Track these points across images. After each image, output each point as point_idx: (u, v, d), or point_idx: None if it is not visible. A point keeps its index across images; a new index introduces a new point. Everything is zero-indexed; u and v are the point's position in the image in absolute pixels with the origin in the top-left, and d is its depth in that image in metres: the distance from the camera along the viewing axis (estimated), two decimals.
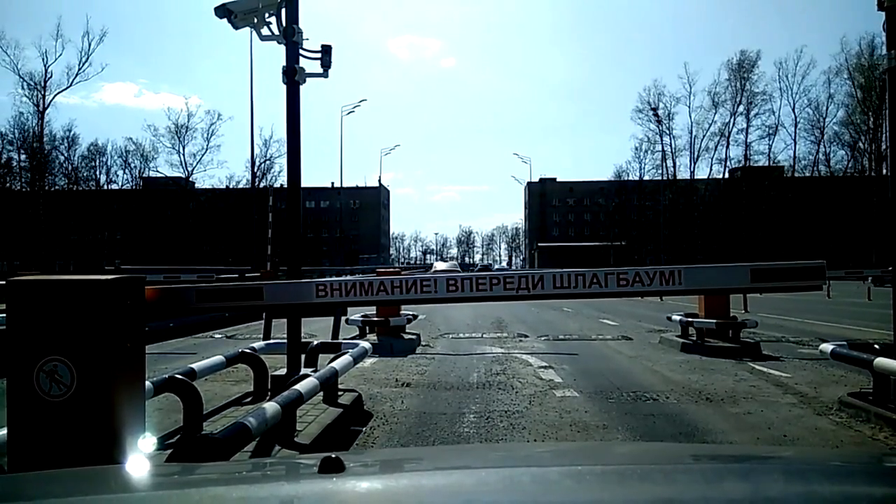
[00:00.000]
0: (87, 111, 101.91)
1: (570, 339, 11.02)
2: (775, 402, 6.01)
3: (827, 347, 5.88)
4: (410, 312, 11.12)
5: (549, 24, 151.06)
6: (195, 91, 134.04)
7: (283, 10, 5.72)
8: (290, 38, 5.72)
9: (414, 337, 10.40)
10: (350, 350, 5.48)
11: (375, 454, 2.94)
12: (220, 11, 5.58)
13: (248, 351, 5.68)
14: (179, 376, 4.23)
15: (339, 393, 5.57)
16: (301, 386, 3.62)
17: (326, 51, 5.76)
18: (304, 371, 5.37)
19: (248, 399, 5.71)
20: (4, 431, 2.43)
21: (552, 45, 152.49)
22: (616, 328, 12.70)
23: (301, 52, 5.81)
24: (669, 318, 10.52)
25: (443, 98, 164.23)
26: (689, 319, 9.75)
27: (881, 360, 4.94)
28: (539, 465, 1.58)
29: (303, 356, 5.71)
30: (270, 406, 3.16)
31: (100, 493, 1.29)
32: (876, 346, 5.51)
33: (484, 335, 11.66)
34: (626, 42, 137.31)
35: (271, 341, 6.33)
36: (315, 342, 6.10)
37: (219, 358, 5.33)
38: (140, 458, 2.33)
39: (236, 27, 5.75)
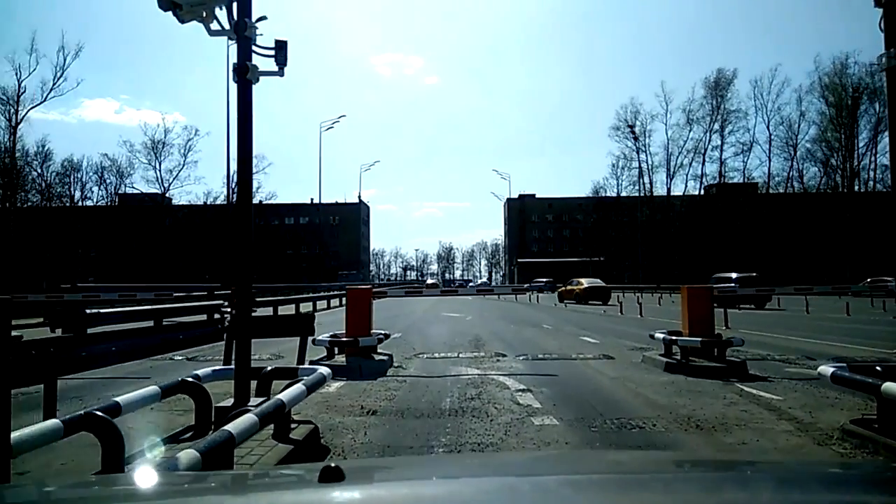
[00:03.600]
0: (67, 127, 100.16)
1: (550, 359, 10.49)
2: (770, 429, 5.55)
3: (826, 370, 5.38)
4: (382, 332, 10.52)
5: (529, 43, 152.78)
6: (177, 107, 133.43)
7: (235, 3, 5.24)
8: (242, 32, 5.22)
9: (385, 358, 9.79)
10: (304, 378, 4.90)
11: (375, 463, 2.95)
12: (164, 4, 5.08)
13: (189, 380, 5.05)
14: (98, 413, 3.62)
15: (294, 425, 4.98)
16: (233, 426, 3.05)
17: (280, 46, 5.25)
18: (253, 401, 4.79)
19: (189, 434, 5.08)
20: None
21: (533, 63, 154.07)
22: (597, 346, 12.22)
23: (254, 48, 5.31)
24: (652, 336, 10.03)
25: (425, 115, 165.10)
26: (673, 337, 9.29)
27: (890, 386, 4.46)
28: (537, 473, 1.61)
29: (254, 383, 5.14)
30: (186, 455, 2.58)
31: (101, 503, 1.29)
32: (877, 369, 5.09)
33: (460, 354, 11.11)
34: (605, 61, 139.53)
35: (218, 368, 5.70)
36: (269, 367, 5.51)
37: (153, 388, 4.70)
38: (144, 468, 2.22)
39: (182, 21, 5.24)
